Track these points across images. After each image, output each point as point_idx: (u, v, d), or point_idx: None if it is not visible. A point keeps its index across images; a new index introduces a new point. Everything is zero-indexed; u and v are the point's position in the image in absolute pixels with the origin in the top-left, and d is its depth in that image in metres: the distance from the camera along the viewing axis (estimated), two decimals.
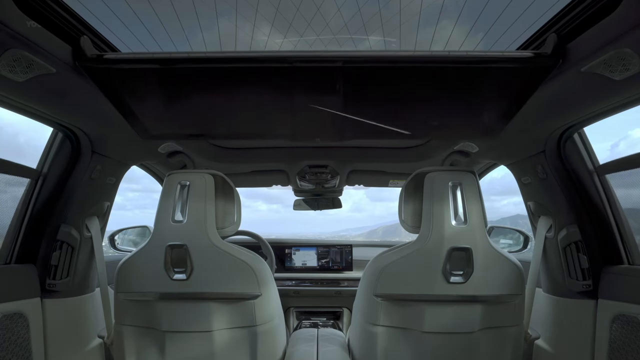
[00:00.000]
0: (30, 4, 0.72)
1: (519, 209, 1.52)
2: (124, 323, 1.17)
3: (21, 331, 1.14)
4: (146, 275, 1.12)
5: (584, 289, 1.22)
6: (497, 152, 1.14)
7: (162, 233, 1.13)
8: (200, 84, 0.93)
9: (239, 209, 1.23)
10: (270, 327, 1.21)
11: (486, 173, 1.88)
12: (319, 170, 1.82)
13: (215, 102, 1.01)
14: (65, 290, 1.30)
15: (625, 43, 0.73)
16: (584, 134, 1.22)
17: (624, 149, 14.83)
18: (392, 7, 0.84)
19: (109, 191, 1.46)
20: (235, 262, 1.13)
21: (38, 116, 1.10)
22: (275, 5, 0.84)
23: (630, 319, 1.07)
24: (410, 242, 1.17)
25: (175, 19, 0.84)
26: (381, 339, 1.16)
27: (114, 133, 1.26)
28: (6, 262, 1.20)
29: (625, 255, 1.19)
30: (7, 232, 1.21)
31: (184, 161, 1.74)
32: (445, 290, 1.10)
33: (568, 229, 1.26)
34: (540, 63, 0.83)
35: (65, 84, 0.93)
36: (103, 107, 1.03)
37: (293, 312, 2.24)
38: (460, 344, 1.13)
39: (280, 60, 0.85)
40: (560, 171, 1.27)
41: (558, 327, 1.31)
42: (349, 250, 2.37)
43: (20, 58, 0.79)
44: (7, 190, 1.20)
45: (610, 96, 0.94)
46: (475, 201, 1.12)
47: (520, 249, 1.79)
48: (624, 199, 1.20)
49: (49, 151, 1.26)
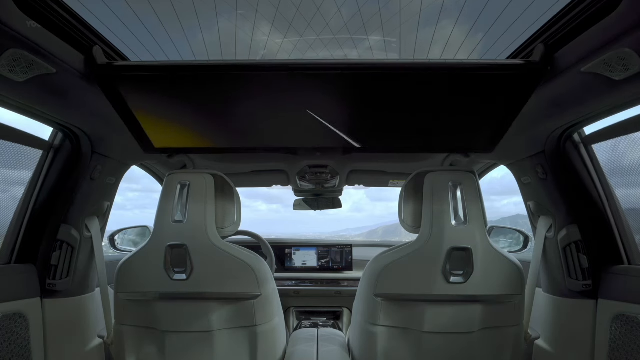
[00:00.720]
0: (37, 8, 0.72)
1: (519, 209, 1.52)
2: (124, 323, 1.17)
3: (21, 331, 1.14)
4: (146, 275, 1.12)
5: (583, 289, 1.22)
6: (497, 152, 1.14)
7: (162, 233, 1.13)
8: (207, 94, 0.94)
9: (239, 209, 1.23)
10: (270, 327, 1.21)
11: (486, 173, 1.88)
12: (319, 170, 1.82)
13: (220, 112, 1.01)
14: (65, 290, 1.30)
15: (625, 43, 0.73)
16: (584, 134, 1.22)
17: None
18: (392, 7, 0.84)
19: (109, 191, 1.46)
20: (235, 262, 1.13)
21: (38, 116, 1.10)
22: (275, 5, 0.84)
23: (630, 319, 1.07)
24: (410, 242, 1.17)
25: (175, 18, 0.85)
26: (381, 339, 1.16)
27: (114, 133, 1.26)
28: (6, 262, 1.20)
29: (625, 255, 1.19)
30: (7, 232, 1.21)
31: (184, 161, 1.74)
32: (445, 290, 1.10)
33: (568, 229, 1.26)
34: (531, 69, 0.85)
35: (66, 84, 0.93)
36: (103, 108, 1.03)
37: (293, 312, 2.24)
38: (460, 344, 1.13)
39: (286, 68, 0.86)
40: (560, 171, 1.27)
41: (558, 327, 1.31)
42: (349, 250, 2.37)
43: (20, 58, 0.79)
44: (7, 190, 1.20)
45: (610, 96, 0.94)
46: (475, 201, 1.12)
47: (520, 249, 1.79)
48: (624, 199, 1.20)
49: (49, 151, 1.26)
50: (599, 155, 1.22)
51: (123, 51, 0.94)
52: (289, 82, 0.90)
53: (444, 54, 0.93)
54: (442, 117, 1.02)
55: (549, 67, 0.86)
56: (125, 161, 1.47)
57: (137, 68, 0.87)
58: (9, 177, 1.20)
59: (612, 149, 1.20)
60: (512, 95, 0.92)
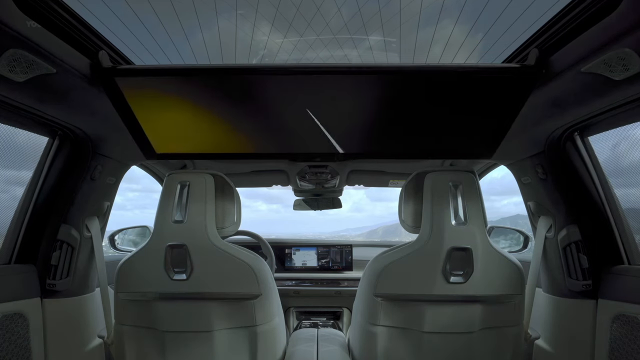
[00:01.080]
0: (38, 8, 0.72)
1: (519, 209, 1.52)
2: (124, 323, 1.17)
3: (21, 331, 1.14)
4: (146, 275, 1.12)
5: (583, 289, 1.22)
6: (497, 152, 1.14)
7: (162, 233, 1.13)
8: (209, 97, 0.94)
9: (239, 209, 1.23)
10: (270, 327, 1.21)
11: (486, 173, 1.88)
12: (319, 170, 1.82)
13: (222, 117, 1.01)
14: (65, 290, 1.30)
15: (625, 43, 0.73)
16: (584, 134, 1.22)
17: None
18: (392, 7, 0.84)
19: (109, 191, 1.46)
20: (235, 262, 1.13)
21: (38, 116, 1.10)
22: (275, 5, 0.84)
23: (630, 319, 1.07)
24: (410, 242, 1.17)
25: (175, 18, 0.85)
26: (381, 339, 1.16)
27: (115, 133, 1.26)
28: (6, 262, 1.20)
29: (625, 255, 1.19)
30: (7, 232, 1.21)
31: (184, 161, 1.74)
32: (445, 290, 1.10)
33: (568, 229, 1.26)
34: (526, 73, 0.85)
35: (66, 84, 0.93)
36: (104, 108, 1.03)
37: (293, 312, 2.23)
38: (460, 344, 1.13)
39: (286, 71, 0.86)
40: (560, 171, 1.27)
41: (558, 327, 1.31)
42: (349, 250, 2.37)
43: (20, 58, 0.79)
44: (7, 190, 1.20)
45: (610, 96, 0.94)
46: (475, 201, 1.12)
47: (520, 249, 1.79)
48: (624, 199, 1.20)
49: (49, 151, 1.26)
50: (599, 155, 1.22)
51: (123, 51, 0.94)
52: (290, 85, 0.90)
53: (444, 55, 0.93)
54: (440, 121, 1.02)
55: (543, 71, 0.87)
56: (125, 161, 1.47)
57: (141, 71, 0.88)
58: (9, 177, 1.20)
59: (612, 148, 1.20)
60: (508, 99, 0.93)
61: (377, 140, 1.08)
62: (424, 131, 1.05)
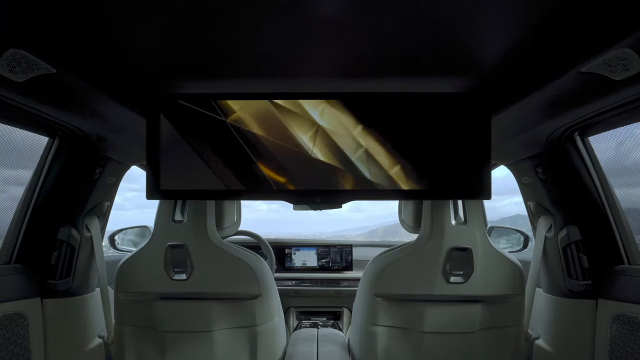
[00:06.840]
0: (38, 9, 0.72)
1: (520, 209, 1.52)
2: (124, 323, 1.17)
3: (21, 331, 1.14)
4: (146, 275, 1.12)
5: (583, 289, 1.22)
6: (497, 152, 1.14)
7: (162, 233, 1.13)
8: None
9: (239, 209, 1.23)
10: (270, 327, 1.21)
11: None
12: None
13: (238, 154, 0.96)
14: (65, 290, 1.30)
15: (625, 43, 0.73)
16: (584, 134, 1.22)
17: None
18: None
19: (109, 191, 1.46)
20: (235, 262, 1.13)
21: (38, 116, 1.10)
22: None
23: (630, 319, 1.07)
24: (410, 242, 1.17)
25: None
26: (381, 339, 1.16)
27: (115, 133, 1.26)
28: (6, 262, 1.20)
29: (625, 255, 1.19)
30: (7, 232, 1.21)
31: None
32: (445, 290, 1.10)
33: (568, 229, 1.26)
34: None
35: (66, 84, 0.93)
36: (104, 108, 1.03)
37: (293, 312, 2.23)
38: (460, 344, 1.13)
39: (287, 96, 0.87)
40: (560, 171, 1.27)
41: (558, 327, 1.31)
42: (349, 250, 2.37)
43: (20, 58, 0.79)
44: (7, 190, 1.20)
45: (610, 96, 0.94)
46: (475, 201, 1.12)
47: (520, 249, 1.79)
48: (624, 199, 1.20)
49: (49, 151, 1.26)
50: (599, 155, 1.22)
51: None
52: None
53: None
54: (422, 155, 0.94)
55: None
56: (125, 161, 1.47)
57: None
58: (9, 177, 1.20)
59: (612, 148, 1.20)
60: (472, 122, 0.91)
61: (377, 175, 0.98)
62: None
